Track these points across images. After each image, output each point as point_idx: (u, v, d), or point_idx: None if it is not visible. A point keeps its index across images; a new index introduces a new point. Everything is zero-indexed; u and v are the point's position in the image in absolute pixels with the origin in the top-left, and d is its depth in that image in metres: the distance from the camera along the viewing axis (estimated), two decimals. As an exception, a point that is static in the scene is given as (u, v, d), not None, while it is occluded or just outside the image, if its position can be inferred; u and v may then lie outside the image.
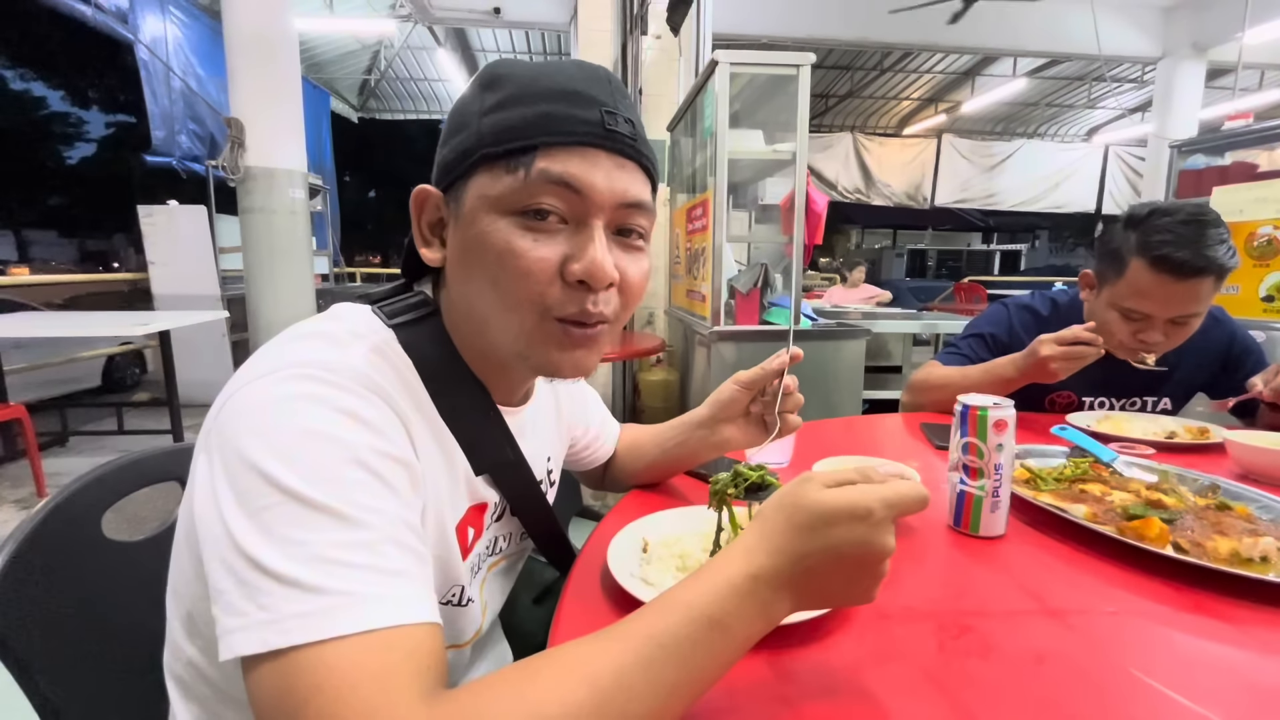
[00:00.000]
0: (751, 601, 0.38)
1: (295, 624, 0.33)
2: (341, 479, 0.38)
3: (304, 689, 0.32)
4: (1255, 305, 2.42)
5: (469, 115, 0.48)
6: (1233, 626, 0.52)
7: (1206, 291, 1.04)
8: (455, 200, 0.48)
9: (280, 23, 3.54)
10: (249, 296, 3.74)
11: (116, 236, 22.16)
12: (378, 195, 29.62)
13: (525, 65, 0.48)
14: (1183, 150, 3.01)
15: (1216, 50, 6.33)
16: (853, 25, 6.13)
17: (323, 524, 0.36)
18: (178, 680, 0.51)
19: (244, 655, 0.34)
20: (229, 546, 0.36)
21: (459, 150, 0.47)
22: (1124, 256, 1.09)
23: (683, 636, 0.36)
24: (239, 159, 3.47)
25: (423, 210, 0.50)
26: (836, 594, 0.41)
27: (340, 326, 0.47)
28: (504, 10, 5.61)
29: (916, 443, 1.08)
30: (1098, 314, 1.16)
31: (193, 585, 0.46)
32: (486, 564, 0.60)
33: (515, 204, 0.45)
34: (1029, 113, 10.72)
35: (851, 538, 0.38)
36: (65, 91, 21.69)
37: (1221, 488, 0.75)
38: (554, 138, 0.45)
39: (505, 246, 0.45)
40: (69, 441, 3.60)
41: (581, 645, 0.37)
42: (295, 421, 0.39)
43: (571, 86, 0.46)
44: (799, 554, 0.38)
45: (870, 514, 0.38)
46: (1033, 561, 0.64)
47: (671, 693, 0.35)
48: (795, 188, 2.17)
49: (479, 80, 0.49)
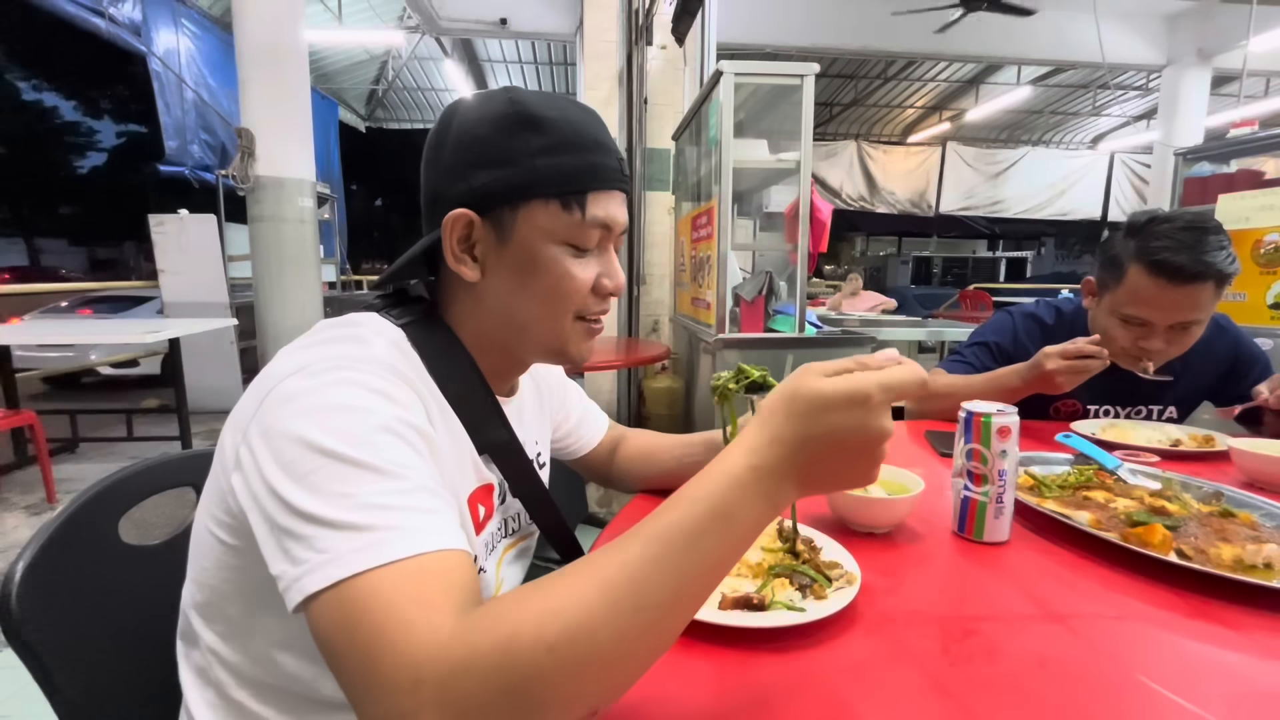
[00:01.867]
0: (754, 491, 0.39)
1: (355, 557, 0.37)
2: (375, 442, 0.42)
3: (359, 612, 0.36)
4: (1263, 312, 2.42)
5: (514, 153, 0.53)
6: (1235, 632, 0.52)
7: (1207, 298, 1.04)
8: (497, 225, 0.55)
9: (291, 34, 3.59)
10: (258, 304, 3.77)
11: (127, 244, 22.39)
12: (384, 204, 29.85)
13: (552, 107, 0.55)
14: (1188, 158, 3.01)
15: (1221, 58, 6.33)
16: (857, 34, 6.16)
17: (364, 478, 0.40)
18: (194, 669, 0.53)
19: (309, 594, 0.37)
20: (283, 511, 0.40)
21: (508, 184, 0.54)
22: (1123, 263, 1.09)
23: (688, 529, 0.37)
24: (249, 168, 3.51)
25: (456, 231, 0.55)
26: (839, 478, 0.42)
27: (360, 329, 0.54)
28: (511, 21, 5.66)
29: (921, 450, 1.09)
30: (1100, 321, 1.16)
31: (213, 573, 0.50)
32: (503, 544, 0.66)
33: (569, 238, 0.56)
34: (1034, 120, 10.73)
35: (851, 422, 0.39)
36: (77, 102, 21.99)
37: (1225, 495, 0.75)
38: (598, 184, 0.56)
39: (563, 271, 0.56)
40: (79, 448, 3.63)
41: (595, 553, 0.38)
42: (331, 399, 0.44)
43: (596, 135, 0.56)
44: (800, 440, 0.39)
45: (869, 398, 0.39)
46: (1036, 567, 0.64)
47: (683, 583, 0.37)
48: (800, 196, 2.18)
49: (515, 118, 0.54)
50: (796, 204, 2.22)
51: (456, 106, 0.57)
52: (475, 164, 0.54)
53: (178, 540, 0.67)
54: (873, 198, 9.90)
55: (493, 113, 0.54)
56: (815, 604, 0.53)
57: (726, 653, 0.48)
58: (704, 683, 0.45)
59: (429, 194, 0.57)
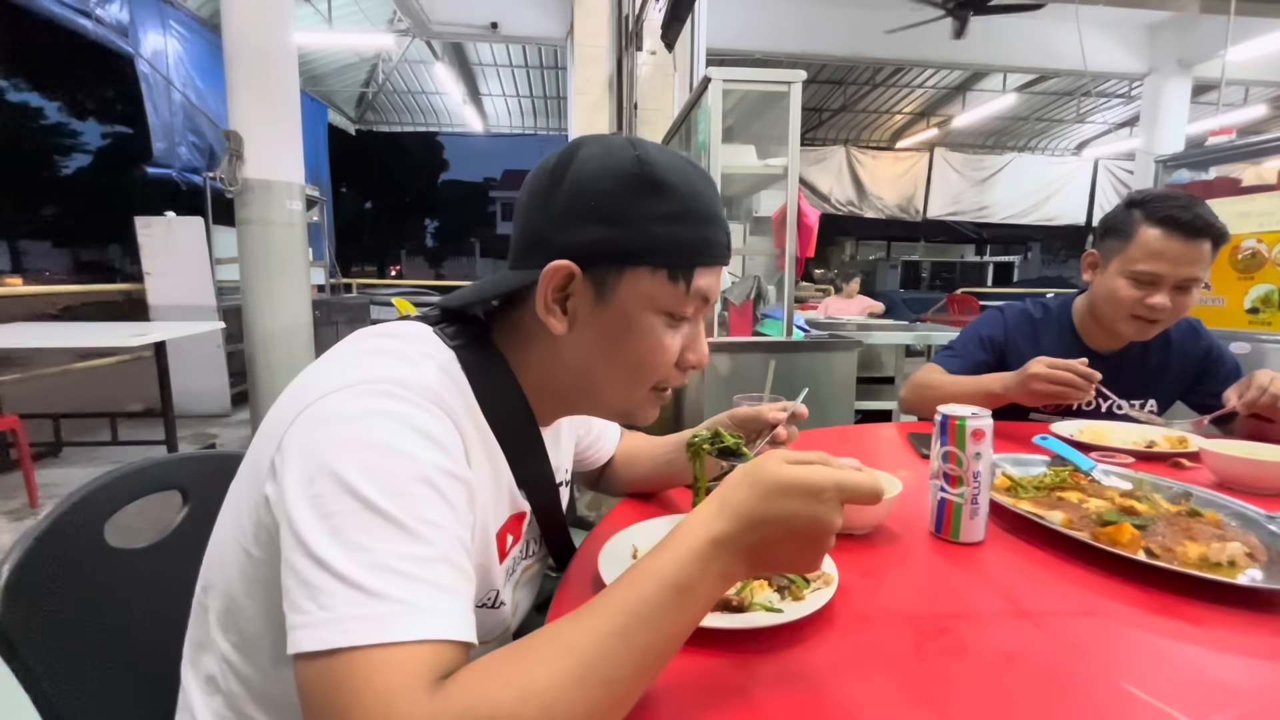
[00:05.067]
0: (713, 565, 0.41)
1: (354, 625, 0.36)
2: (410, 494, 0.41)
3: (341, 680, 0.35)
4: (1240, 317, 2.47)
5: (633, 215, 0.52)
6: (1198, 627, 0.54)
7: (1207, 255, 1.15)
8: (599, 284, 0.53)
9: (280, 37, 3.58)
10: (245, 307, 3.75)
11: (112, 247, 22.12)
12: (374, 207, 29.71)
13: (678, 173, 0.53)
14: (1168, 165, 3.07)
15: (1201, 67, 6.46)
16: (845, 41, 6.24)
17: (389, 534, 0.39)
18: (203, 676, 0.52)
19: (301, 650, 0.36)
20: (298, 548, 0.39)
21: (620, 246, 0.52)
22: (1131, 227, 1.19)
23: (654, 604, 0.39)
24: (237, 171, 3.49)
25: (554, 281, 0.52)
26: (785, 561, 0.44)
27: (411, 346, 0.52)
28: (501, 25, 5.68)
29: (906, 453, 1.10)
30: (1105, 286, 1.24)
31: (236, 584, 0.49)
32: (521, 566, 0.65)
33: (670, 308, 0.55)
34: (1020, 127, 10.87)
35: (805, 511, 0.42)
36: (63, 103, 21.73)
37: (1193, 495, 0.77)
38: (708, 259, 0.55)
39: (656, 341, 0.55)
40: (62, 452, 3.59)
41: (564, 622, 0.40)
42: (372, 434, 0.42)
43: (714, 209, 0.55)
44: (756, 520, 0.42)
45: (823, 491, 0.42)
46: (1010, 566, 0.66)
47: (646, 654, 0.39)
48: (788, 202, 2.21)
49: (640, 180, 0.51)
50: (784, 209, 2.25)
51: (577, 151, 0.53)
52: (589, 217, 0.51)
53: (165, 544, 0.68)
54: (861, 203, 9.99)
55: (617, 168, 0.52)
56: (793, 605, 0.54)
57: (705, 654, 0.49)
58: (683, 683, 0.46)
59: (531, 234, 0.54)
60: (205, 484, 0.72)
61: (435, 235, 33.84)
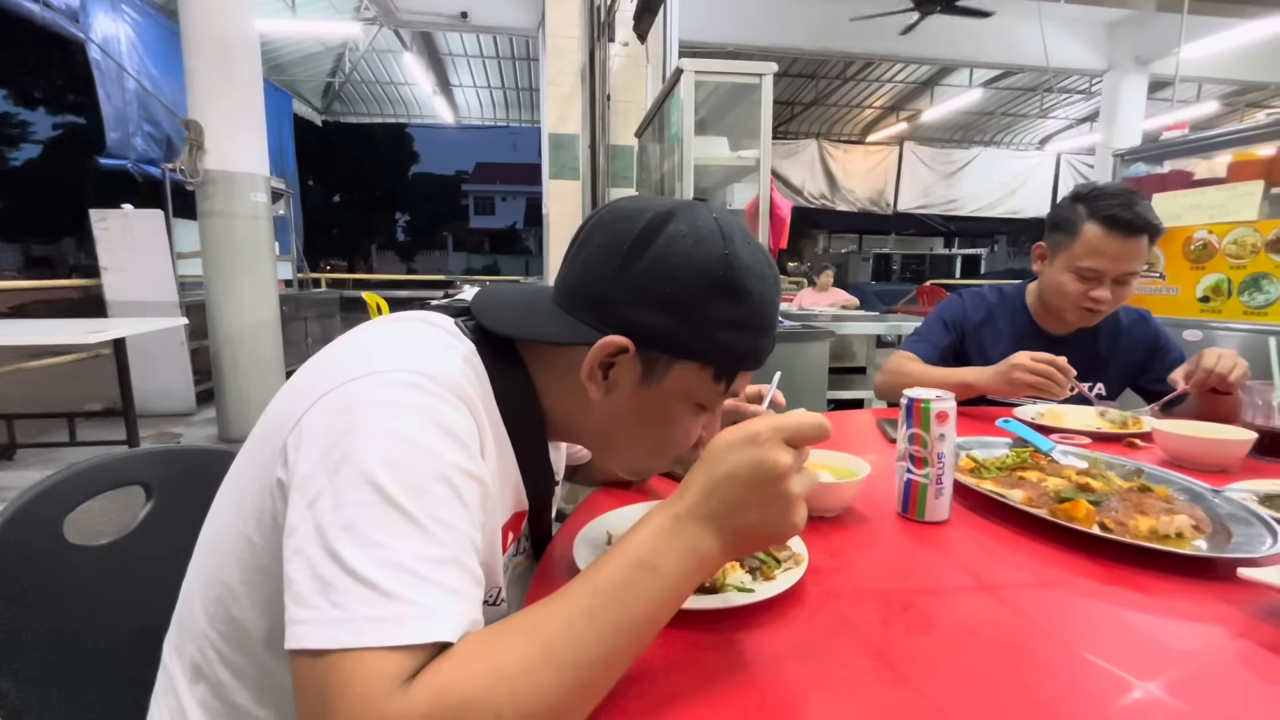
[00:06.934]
0: (676, 540, 0.42)
1: (369, 627, 0.35)
2: (429, 492, 0.41)
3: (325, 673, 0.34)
4: (1193, 306, 2.56)
5: (704, 315, 0.51)
6: (1148, 596, 0.57)
7: (1144, 250, 1.23)
8: (648, 367, 0.53)
9: (240, 24, 3.48)
10: (209, 303, 3.65)
11: (65, 241, 21.27)
12: (343, 199, 29.06)
13: (758, 278, 0.53)
14: (1125, 159, 3.16)
15: (1157, 64, 6.66)
16: (815, 35, 6.29)
17: (405, 530, 0.38)
18: (188, 664, 0.51)
19: (307, 647, 0.35)
20: (308, 537, 0.38)
21: (681, 342, 0.52)
22: (1076, 224, 1.26)
23: (618, 581, 0.40)
24: (197, 162, 3.39)
25: (605, 352, 0.52)
26: (757, 523, 0.43)
27: (436, 334, 0.53)
28: (471, 14, 5.59)
29: (875, 437, 1.13)
30: (1053, 279, 1.32)
31: (231, 571, 0.48)
32: (513, 563, 0.65)
33: (704, 401, 0.56)
34: (985, 121, 11.10)
35: (746, 459, 0.42)
36: (10, 91, 20.79)
37: (1145, 472, 0.81)
38: (753, 366, 0.57)
39: (684, 429, 0.58)
40: (16, 454, 3.45)
41: (534, 608, 0.40)
42: (397, 427, 0.42)
43: (775, 318, 0.56)
44: (708, 486, 0.43)
45: (756, 435, 0.43)
46: (972, 543, 0.68)
47: (618, 634, 0.39)
48: (760, 193, 2.23)
49: (723, 284, 0.51)
50: (757, 201, 2.27)
51: (666, 224, 0.51)
52: (661, 305, 0.51)
53: (128, 540, 0.66)
54: (833, 196, 10.11)
55: (703, 264, 0.50)
56: (764, 585, 0.56)
57: (679, 634, 0.50)
58: (656, 663, 0.47)
59: (593, 288, 0.53)
60: (169, 479, 0.70)
61: (406, 229, 33.25)
